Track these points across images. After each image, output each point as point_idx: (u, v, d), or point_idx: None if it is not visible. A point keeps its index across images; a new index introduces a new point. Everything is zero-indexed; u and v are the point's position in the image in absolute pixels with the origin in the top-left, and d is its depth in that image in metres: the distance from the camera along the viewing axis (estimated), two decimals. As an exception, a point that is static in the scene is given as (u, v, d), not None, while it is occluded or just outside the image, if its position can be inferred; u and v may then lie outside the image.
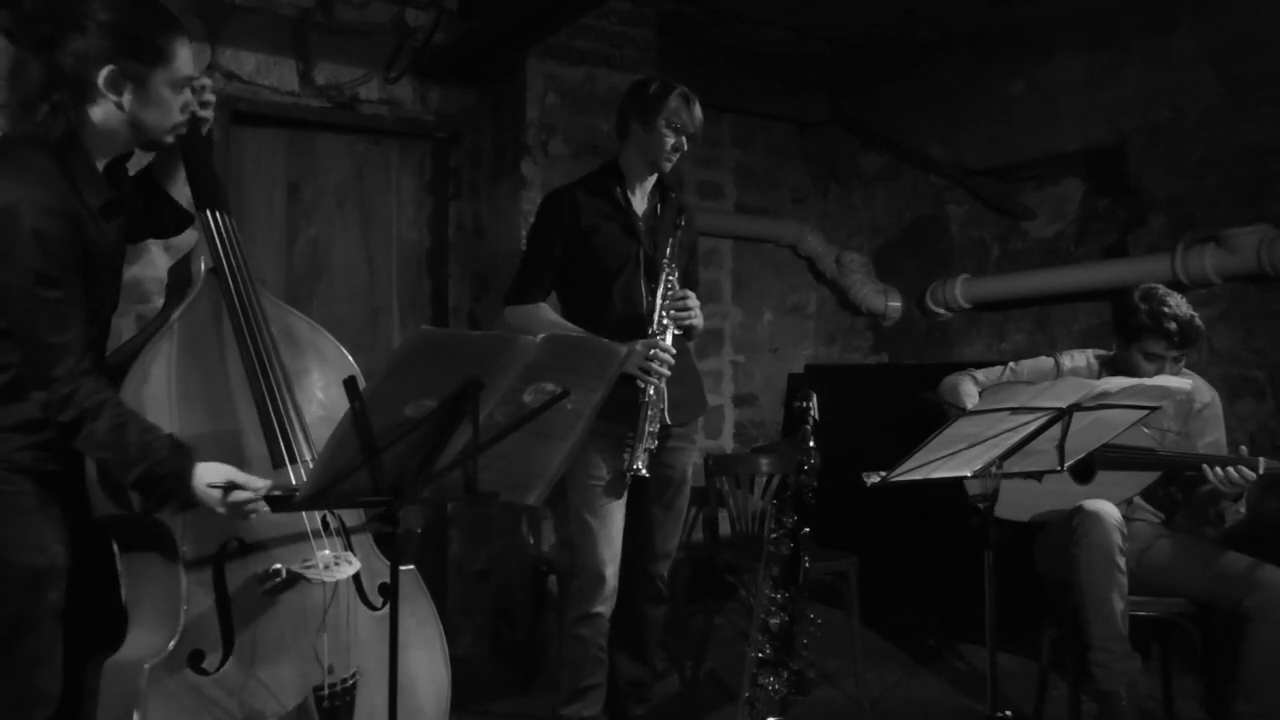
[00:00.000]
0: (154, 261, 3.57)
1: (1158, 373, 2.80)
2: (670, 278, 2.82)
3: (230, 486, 1.82)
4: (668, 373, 2.75)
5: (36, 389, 1.79)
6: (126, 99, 1.88)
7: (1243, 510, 2.80)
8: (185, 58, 1.93)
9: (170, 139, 1.99)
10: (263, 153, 3.93)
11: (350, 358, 2.23)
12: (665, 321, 2.79)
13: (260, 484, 1.84)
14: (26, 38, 1.88)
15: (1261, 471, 2.63)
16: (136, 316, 3.48)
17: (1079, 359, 3.07)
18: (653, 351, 2.73)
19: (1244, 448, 2.72)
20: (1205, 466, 2.68)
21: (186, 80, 1.94)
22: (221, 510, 1.82)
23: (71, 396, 1.78)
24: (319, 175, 4.06)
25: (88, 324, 1.88)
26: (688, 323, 2.83)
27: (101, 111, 1.88)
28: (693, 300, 2.83)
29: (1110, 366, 3.00)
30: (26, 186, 1.77)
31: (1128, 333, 2.86)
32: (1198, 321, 2.81)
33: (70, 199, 1.83)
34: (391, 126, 4.10)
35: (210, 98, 2.11)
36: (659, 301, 2.81)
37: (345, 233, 4.12)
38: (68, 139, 1.86)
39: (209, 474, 1.83)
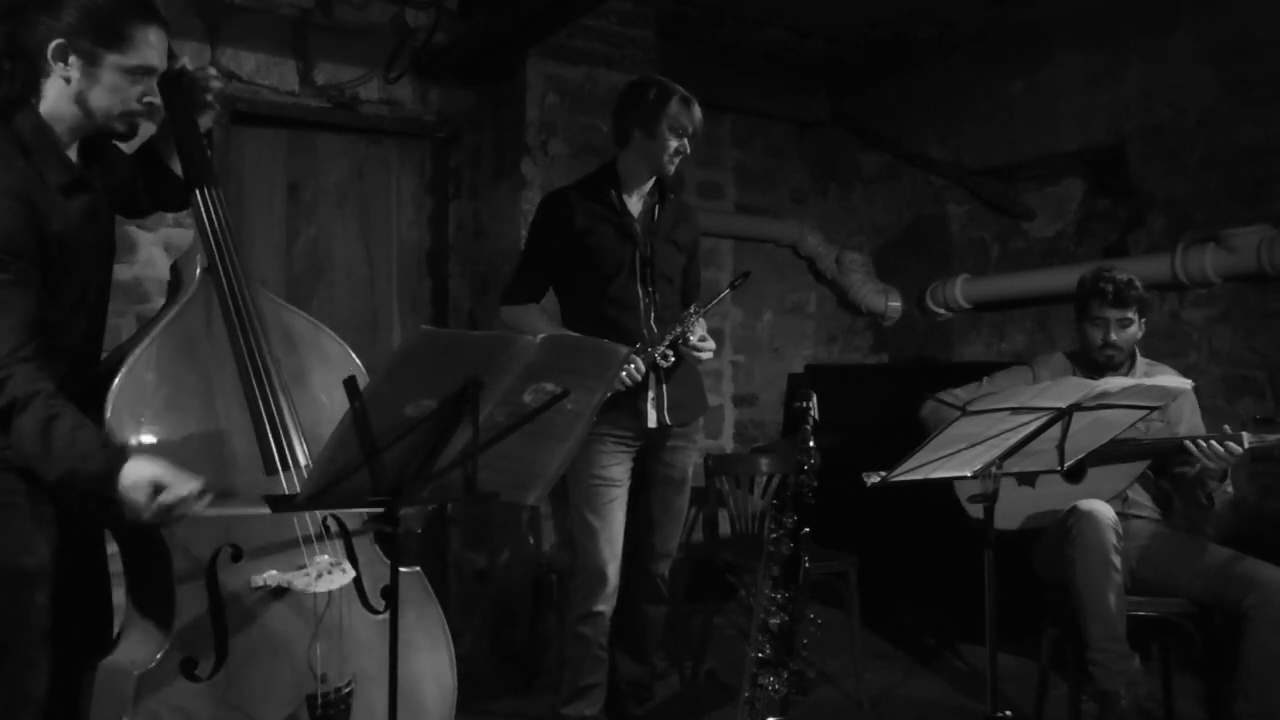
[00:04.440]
0: (154, 261, 3.57)
1: (1104, 338, 2.92)
2: (697, 321, 2.84)
3: (157, 487, 1.68)
4: (627, 384, 2.74)
5: None
6: (74, 75, 1.83)
7: (1230, 490, 2.82)
8: (148, 47, 1.86)
9: (123, 128, 1.92)
10: (263, 153, 3.93)
11: (353, 355, 2.20)
12: (666, 349, 2.80)
13: (191, 485, 1.69)
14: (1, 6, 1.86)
15: (1246, 446, 2.66)
16: (136, 316, 3.48)
17: (1054, 359, 3.14)
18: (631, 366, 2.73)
19: (1227, 426, 2.74)
20: (1189, 444, 2.71)
21: (142, 70, 1.87)
22: (146, 517, 1.69)
23: (3, 383, 1.69)
24: (319, 175, 4.06)
25: (60, 301, 1.84)
26: (694, 359, 2.87)
27: (54, 89, 1.85)
28: (709, 349, 2.85)
29: (1077, 358, 3.08)
30: None
31: (1078, 306, 3.01)
32: (1138, 285, 2.94)
33: (28, 179, 1.79)
34: (391, 126, 4.10)
35: (216, 85, 2.09)
36: (687, 331, 2.81)
37: (345, 233, 4.12)
38: (12, 108, 1.83)
39: (133, 473, 1.69)
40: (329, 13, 3.89)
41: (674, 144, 2.84)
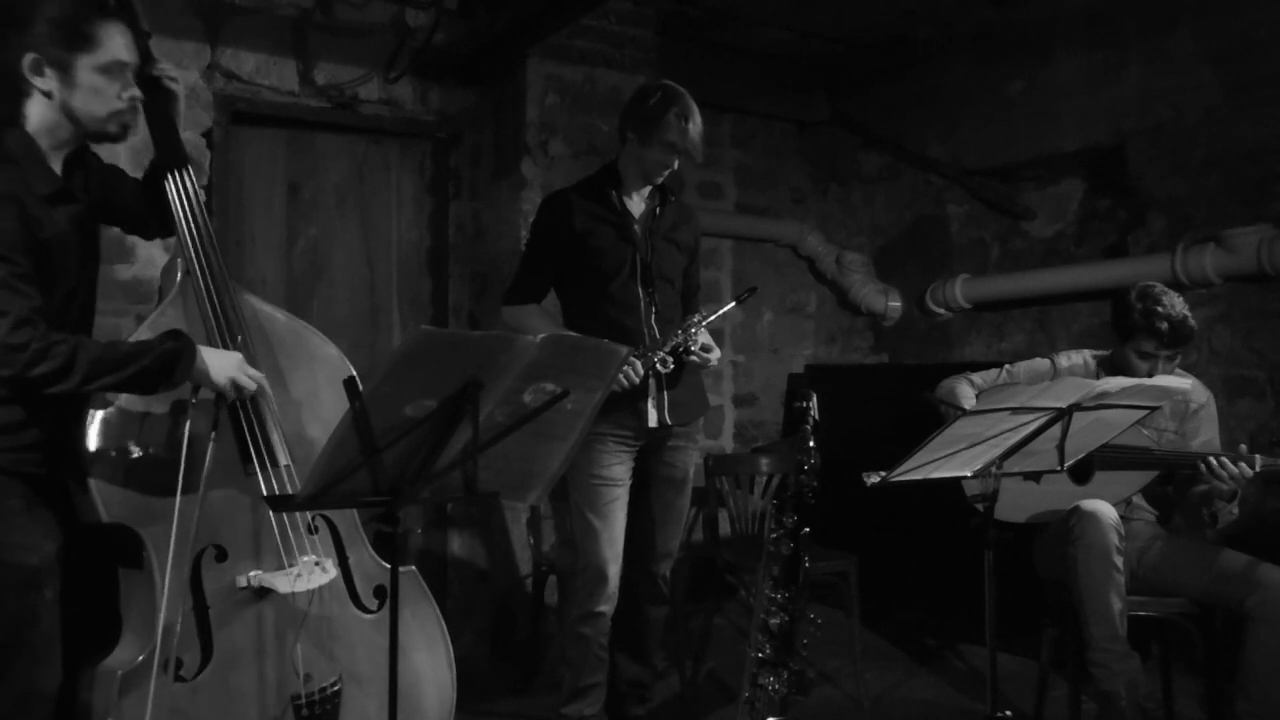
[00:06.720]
0: (153, 261, 3.56)
1: (1151, 371, 2.80)
2: (699, 327, 2.83)
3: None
4: (625, 384, 2.72)
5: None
6: (54, 86, 1.87)
7: (1235, 511, 2.79)
8: (116, 44, 1.90)
9: (115, 130, 1.95)
10: (263, 153, 3.93)
11: (337, 352, 2.21)
12: (666, 355, 2.80)
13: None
14: None
15: (1258, 469, 2.63)
16: (136, 316, 3.48)
17: (1076, 358, 3.07)
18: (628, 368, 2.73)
19: (1243, 446, 2.72)
20: (1203, 463, 2.67)
21: (118, 65, 1.90)
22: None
23: (54, 344, 1.77)
24: (319, 175, 4.06)
25: (49, 305, 1.87)
26: (702, 360, 2.87)
27: (38, 104, 1.89)
28: (715, 357, 2.87)
29: (1107, 365, 3.00)
30: None
31: (1123, 331, 2.88)
32: (1191, 322, 2.82)
33: (16, 185, 1.84)
34: (391, 126, 4.10)
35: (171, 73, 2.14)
36: (688, 340, 2.81)
37: (345, 233, 4.12)
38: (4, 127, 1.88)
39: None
40: (329, 13, 3.89)
41: (662, 156, 2.83)
